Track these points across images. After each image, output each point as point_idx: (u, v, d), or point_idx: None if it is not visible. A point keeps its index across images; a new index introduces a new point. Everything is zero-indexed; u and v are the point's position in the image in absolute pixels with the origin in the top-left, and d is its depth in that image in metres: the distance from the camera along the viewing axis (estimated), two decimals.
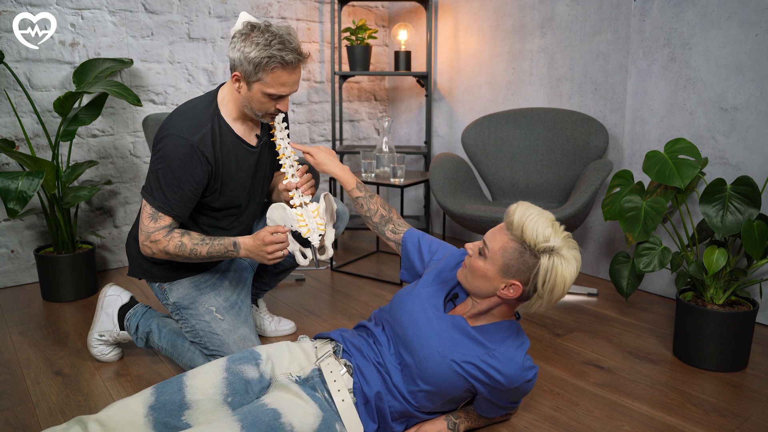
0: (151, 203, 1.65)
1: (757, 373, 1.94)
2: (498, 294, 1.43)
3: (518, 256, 1.37)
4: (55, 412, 1.69)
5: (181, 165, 1.62)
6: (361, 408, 1.45)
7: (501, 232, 1.41)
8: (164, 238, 1.65)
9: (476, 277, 1.43)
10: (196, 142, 1.63)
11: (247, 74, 1.61)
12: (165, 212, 1.64)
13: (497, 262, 1.39)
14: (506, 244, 1.38)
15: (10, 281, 2.73)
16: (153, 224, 1.65)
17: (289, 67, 1.60)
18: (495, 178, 2.87)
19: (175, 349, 1.86)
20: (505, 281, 1.40)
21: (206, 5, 3.07)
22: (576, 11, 2.80)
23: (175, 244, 1.65)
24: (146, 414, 1.32)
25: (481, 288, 1.44)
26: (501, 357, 1.42)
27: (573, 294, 2.65)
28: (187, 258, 1.67)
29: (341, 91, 3.53)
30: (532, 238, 1.34)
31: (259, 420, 1.27)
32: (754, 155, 2.26)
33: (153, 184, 1.64)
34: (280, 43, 1.57)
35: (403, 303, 1.54)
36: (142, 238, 1.67)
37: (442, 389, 1.44)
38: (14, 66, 2.59)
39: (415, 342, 1.46)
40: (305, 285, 2.77)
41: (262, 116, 1.71)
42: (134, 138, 2.96)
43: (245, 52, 1.57)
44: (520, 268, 1.37)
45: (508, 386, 1.42)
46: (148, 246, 1.67)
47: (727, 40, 2.28)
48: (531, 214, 1.36)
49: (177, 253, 1.66)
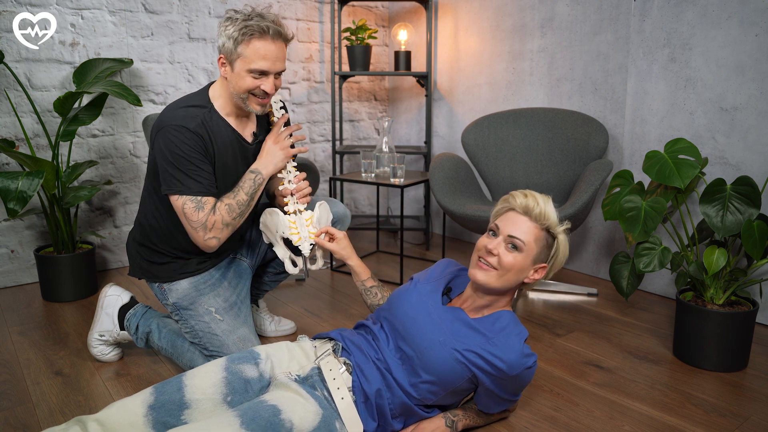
0: (188, 194, 1.64)
1: (757, 373, 1.94)
2: (526, 280, 1.51)
3: (545, 242, 1.49)
4: (55, 412, 1.69)
5: (190, 150, 1.63)
6: (361, 406, 1.45)
7: (526, 223, 1.47)
8: (216, 216, 1.67)
9: (513, 272, 1.47)
10: (193, 128, 1.64)
11: (228, 53, 1.63)
12: (205, 194, 1.66)
13: (532, 252, 1.48)
14: (537, 234, 1.48)
15: (10, 281, 2.73)
16: (202, 213, 1.65)
17: (266, 36, 1.61)
18: (495, 178, 2.87)
19: (175, 350, 1.86)
20: (534, 267, 1.50)
21: (206, 5, 3.07)
22: (576, 11, 2.80)
23: (225, 210, 1.69)
24: (146, 414, 1.32)
25: (512, 282, 1.49)
26: (501, 345, 1.43)
27: (573, 294, 2.65)
28: (240, 213, 1.73)
29: (341, 91, 3.53)
30: (554, 222, 1.48)
31: (258, 416, 1.27)
32: (754, 155, 2.26)
33: (177, 176, 1.64)
34: (258, 16, 1.61)
35: (402, 298, 1.57)
36: (201, 235, 1.66)
37: (444, 379, 1.44)
38: (14, 66, 2.60)
39: (416, 334, 1.47)
40: (305, 285, 2.77)
41: (248, 101, 1.69)
42: (134, 138, 2.96)
43: (227, 32, 1.61)
44: (546, 252, 1.50)
45: (509, 373, 1.42)
46: (211, 237, 1.68)
47: (727, 40, 2.28)
48: (540, 196, 1.48)
49: (233, 216, 1.71)
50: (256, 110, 1.72)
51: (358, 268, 1.80)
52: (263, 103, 1.71)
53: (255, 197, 1.76)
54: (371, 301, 1.79)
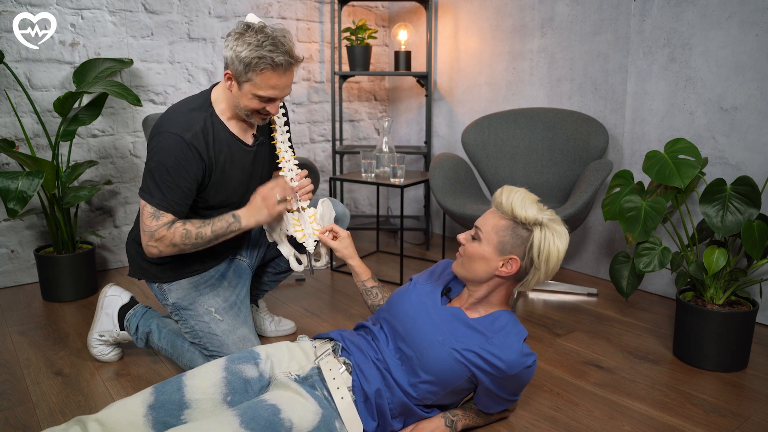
0: (149, 202, 1.64)
1: (757, 373, 1.94)
2: (497, 273, 1.47)
3: (511, 232, 1.45)
4: (55, 412, 1.69)
5: (175, 162, 1.62)
6: (361, 406, 1.45)
7: (491, 214, 1.50)
8: (168, 232, 1.64)
9: (474, 261, 1.49)
10: (189, 138, 1.63)
11: (237, 73, 1.61)
12: (165, 209, 1.64)
13: (492, 242, 1.46)
14: (498, 222, 1.47)
15: (10, 281, 2.73)
16: (155, 222, 1.64)
17: (279, 69, 1.59)
18: (495, 178, 2.86)
19: (175, 350, 1.86)
20: (502, 258, 1.46)
21: (206, 5, 3.07)
22: (576, 11, 2.80)
23: (181, 234, 1.65)
24: (145, 413, 1.32)
25: (479, 271, 1.49)
26: (500, 344, 1.44)
27: (573, 294, 2.65)
28: (194, 244, 1.67)
29: (341, 91, 3.53)
30: (521, 213, 1.43)
31: (258, 415, 1.27)
32: (754, 155, 2.26)
33: (150, 183, 1.64)
34: (272, 45, 1.56)
35: (402, 299, 1.58)
36: (145, 239, 1.66)
37: (443, 379, 1.44)
38: (14, 66, 2.60)
39: (415, 334, 1.48)
40: (305, 285, 2.77)
41: (251, 117, 1.71)
42: (134, 138, 2.96)
43: (237, 51, 1.58)
44: (515, 243, 1.45)
45: (508, 372, 1.42)
46: (153, 246, 1.66)
47: (727, 40, 2.28)
48: (518, 192, 1.46)
49: (184, 242, 1.65)
50: (258, 123, 1.75)
51: (358, 268, 1.80)
52: (265, 118, 1.73)
53: (220, 239, 1.71)
54: (372, 301, 1.79)
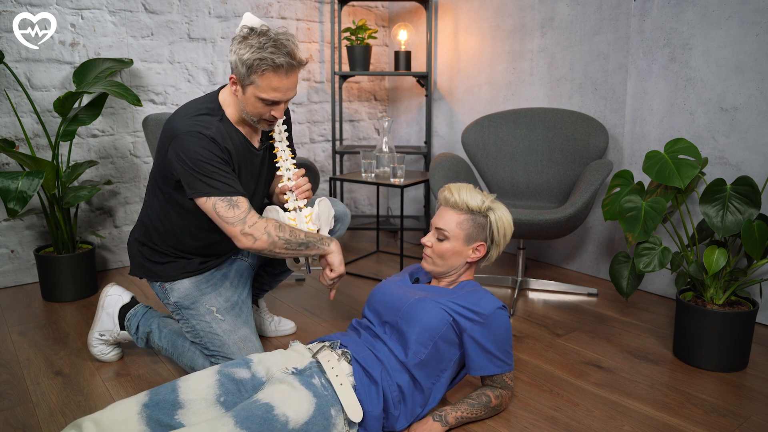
0: (217, 194, 1.61)
1: (757, 373, 1.94)
2: (469, 260, 1.70)
3: (472, 222, 1.68)
4: (55, 412, 1.69)
5: (208, 154, 1.61)
6: (362, 391, 1.47)
7: (447, 213, 1.68)
8: (259, 219, 1.64)
9: (448, 257, 1.69)
10: (211, 134, 1.63)
11: (241, 77, 1.60)
12: (234, 194, 1.62)
13: (460, 236, 1.67)
14: (458, 218, 1.67)
15: (10, 281, 2.73)
16: (237, 210, 1.62)
17: (281, 70, 1.58)
18: (495, 178, 2.87)
19: (176, 350, 1.86)
20: (471, 247, 1.69)
21: (206, 5, 3.07)
22: (576, 11, 2.80)
23: (274, 224, 1.65)
24: (140, 411, 1.34)
25: (454, 264, 1.70)
26: (472, 298, 1.61)
27: (573, 294, 2.65)
28: (287, 241, 1.66)
29: (341, 91, 3.53)
30: (475, 204, 1.66)
31: (252, 414, 1.29)
32: (754, 155, 2.26)
33: (200, 182, 1.61)
34: (273, 46, 1.56)
35: (376, 290, 1.75)
36: (237, 230, 1.61)
37: (428, 324, 1.55)
38: (14, 66, 2.60)
39: (394, 303, 1.64)
40: (305, 285, 2.77)
41: (257, 122, 1.70)
42: (134, 138, 2.96)
43: (240, 54, 1.58)
44: (478, 231, 1.68)
45: (485, 313, 1.57)
46: (248, 234, 1.62)
47: (727, 40, 2.28)
48: (462, 187, 1.68)
49: (278, 233, 1.64)
50: (265, 128, 1.75)
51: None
52: (272, 124, 1.73)
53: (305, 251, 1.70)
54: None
